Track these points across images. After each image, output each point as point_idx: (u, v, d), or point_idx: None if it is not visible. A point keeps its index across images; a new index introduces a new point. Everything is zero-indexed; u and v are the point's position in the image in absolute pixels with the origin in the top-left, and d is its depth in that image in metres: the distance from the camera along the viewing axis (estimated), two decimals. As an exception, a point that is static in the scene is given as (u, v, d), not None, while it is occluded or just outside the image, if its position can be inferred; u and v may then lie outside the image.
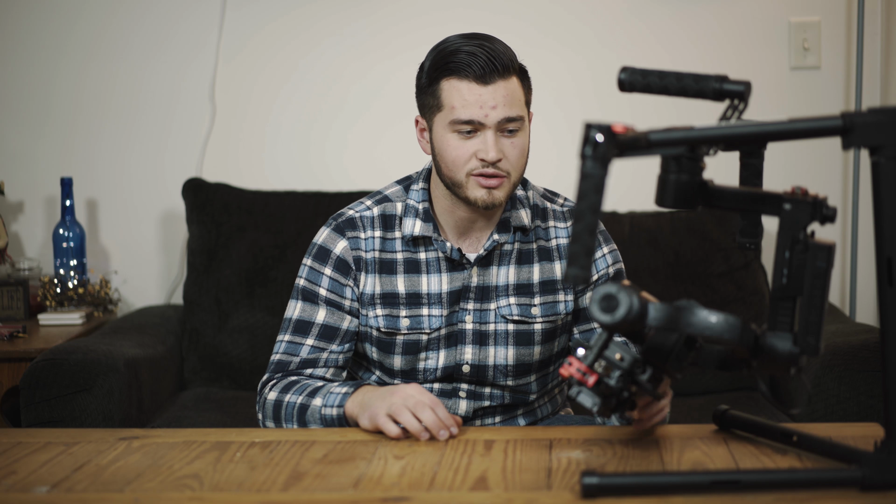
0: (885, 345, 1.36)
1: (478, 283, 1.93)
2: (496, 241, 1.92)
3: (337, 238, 1.93)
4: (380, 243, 1.93)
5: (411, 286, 1.92)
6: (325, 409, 1.79)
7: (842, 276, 3.18)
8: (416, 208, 1.93)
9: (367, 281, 1.93)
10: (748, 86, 1.43)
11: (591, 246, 1.30)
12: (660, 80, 1.46)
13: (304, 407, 1.82)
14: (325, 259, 1.93)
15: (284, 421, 1.84)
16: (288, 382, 1.88)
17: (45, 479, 1.49)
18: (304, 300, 1.93)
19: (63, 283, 3.02)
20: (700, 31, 3.14)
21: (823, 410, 2.38)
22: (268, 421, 1.87)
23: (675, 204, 1.44)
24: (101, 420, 2.40)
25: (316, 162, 3.21)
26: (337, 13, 3.18)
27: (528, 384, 1.97)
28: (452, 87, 1.83)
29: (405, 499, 1.39)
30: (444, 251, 1.92)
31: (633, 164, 2.39)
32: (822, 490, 1.35)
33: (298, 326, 1.92)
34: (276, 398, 1.86)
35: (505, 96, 1.82)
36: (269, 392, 1.88)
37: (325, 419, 1.79)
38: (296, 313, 1.93)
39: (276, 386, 1.88)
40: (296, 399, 1.83)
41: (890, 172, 1.34)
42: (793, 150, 3.07)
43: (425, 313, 1.92)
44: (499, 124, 1.82)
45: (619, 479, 1.38)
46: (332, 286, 1.92)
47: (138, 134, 3.23)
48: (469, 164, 1.84)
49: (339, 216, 1.96)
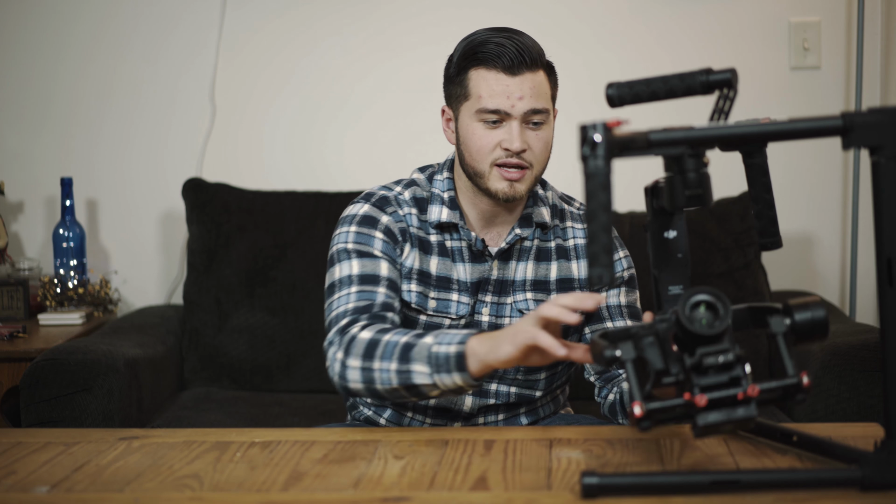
0: (885, 345, 1.36)
1: (497, 277, 1.94)
2: (518, 234, 1.93)
3: (379, 212, 1.91)
4: (417, 221, 1.93)
5: (443, 269, 1.92)
6: (440, 347, 1.65)
7: (842, 276, 3.18)
8: (442, 196, 1.93)
9: (409, 254, 1.91)
10: (734, 72, 1.44)
11: (608, 244, 1.30)
12: (647, 88, 1.46)
13: (410, 345, 1.68)
14: (373, 225, 1.89)
15: (380, 359, 1.70)
16: (383, 327, 1.77)
17: (45, 479, 1.49)
18: (361, 257, 1.86)
19: (63, 283, 3.02)
20: (700, 31, 3.14)
21: (823, 410, 2.38)
22: (351, 360, 1.73)
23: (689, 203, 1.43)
24: (101, 420, 2.40)
25: (316, 162, 3.21)
26: (337, 13, 3.18)
27: (537, 381, 1.97)
28: (480, 77, 1.85)
29: (405, 499, 1.39)
30: (468, 240, 1.92)
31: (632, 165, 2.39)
32: (822, 490, 1.35)
33: (365, 279, 1.84)
34: (373, 337, 1.73)
35: (532, 88, 1.83)
36: (359, 331, 1.75)
37: (437, 358, 1.64)
38: (355, 269, 1.85)
39: (370, 327, 1.77)
40: (398, 338, 1.71)
41: (890, 172, 1.34)
42: (793, 150, 3.07)
43: (454, 298, 1.92)
44: (524, 115, 1.83)
45: (619, 479, 1.38)
46: (384, 248, 1.88)
47: (138, 134, 3.24)
48: (493, 154, 1.85)
49: (371, 196, 1.94)
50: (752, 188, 1.54)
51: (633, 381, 1.36)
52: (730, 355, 1.33)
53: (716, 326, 1.34)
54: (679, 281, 1.51)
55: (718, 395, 1.32)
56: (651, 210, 1.54)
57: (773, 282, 3.07)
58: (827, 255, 3.19)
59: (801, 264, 3.18)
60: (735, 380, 1.33)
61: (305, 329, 2.90)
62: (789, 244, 3.14)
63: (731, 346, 1.34)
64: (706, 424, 1.32)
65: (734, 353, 1.33)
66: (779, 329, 1.40)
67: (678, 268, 1.51)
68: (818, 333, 1.41)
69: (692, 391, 1.33)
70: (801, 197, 3.16)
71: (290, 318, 2.91)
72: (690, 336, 1.35)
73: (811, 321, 1.41)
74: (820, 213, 3.17)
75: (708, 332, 1.34)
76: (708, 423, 1.32)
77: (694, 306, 1.36)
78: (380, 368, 1.70)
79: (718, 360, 1.33)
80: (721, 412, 1.32)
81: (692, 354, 1.34)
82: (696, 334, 1.34)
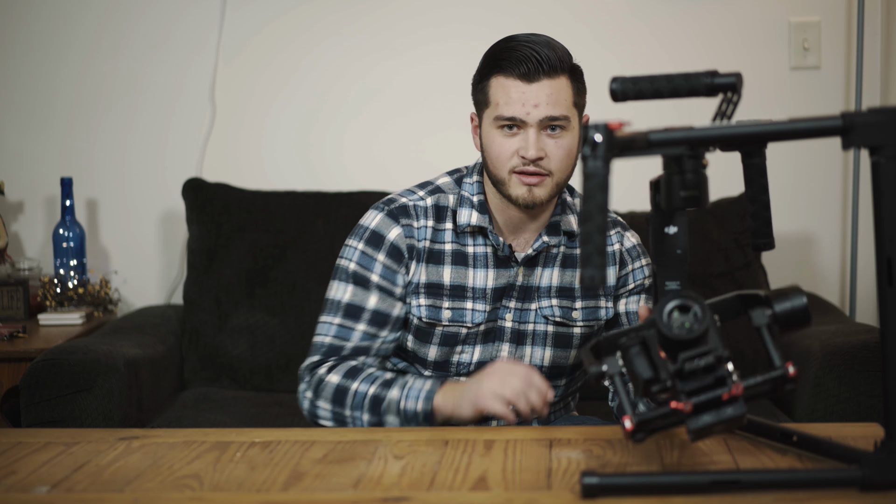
0: (885, 345, 1.36)
1: (522, 283, 1.94)
2: (546, 242, 1.93)
3: (391, 224, 1.91)
4: (431, 233, 1.92)
5: (457, 278, 1.92)
6: (407, 403, 1.76)
7: (842, 276, 3.18)
8: (472, 200, 1.93)
9: (416, 270, 1.92)
10: (739, 77, 1.44)
11: (602, 246, 1.30)
12: (651, 85, 1.46)
13: (378, 399, 1.78)
14: (378, 244, 1.91)
15: (351, 408, 1.80)
16: (351, 368, 1.84)
17: (45, 479, 1.49)
18: (356, 284, 1.90)
19: (63, 283, 3.02)
20: (700, 31, 3.14)
21: (823, 410, 2.38)
22: (322, 402, 1.83)
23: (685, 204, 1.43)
24: (101, 420, 2.40)
25: (316, 162, 3.21)
26: (337, 13, 3.18)
27: (557, 387, 1.98)
28: (499, 84, 1.85)
29: (405, 499, 1.39)
30: (497, 245, 1.92)
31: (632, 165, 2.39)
32: (822, 490, 1.35)
33: (349, 311, 1.89)
34: (341, 383, 1.81)
35: (549, 95, 1.82)
36: (328, 374, 1.83)
37: (406, 414, 1.76)
38: (346, 297, 1.90)
39: (337, 369, 1.83)
40: (366, 388, 1.80)
41: (890, 172, 1.34)
42: (793, 150, 3.07)
43: (468, 307, 1.92)
44: (541, 123, 1.83)
45: (619, 479, 1.38)
46: (384, 273, 1.90)
47: (138, 134, 3.24)
48: (511, 162, 1.85)
49: (392, 202, 1.94)
50: (750, 188, 1.54)
51: (621, 394, 1.37)
52: (710, 357, 1.33)
53: (694, 330, 1.35)
54: (676, 276, 1.51)
55: (704, 398, 1.33)
56: (654, 204, 1.55)
57: (773, 282, 3.07)
58: (827, 254, 3.19)
59: (801, 264, 3.18)
60: (720, 380, 1.34)
61: (305, 329, 2.89)
62: (789, 244, 3.14)
63: (716, 345, 1.35)
64: (697, 428, 1.33)
65: (715, 355, 1.34)
66: (761, 321, 1.41)
67: (676, 263, 1.52)
68: (800, 321, 1.42)
69: (678, 398, 1.34)
70: (801, 197, 3.16)
71: (290, 318, 2.91)
72: (671, 342, 1.36)
73: (791, 310, 1.42)
74: (820, 213, 3.17)
75: (687, 337, 1.35)
76: (699, 427, 1.33)
77: (671, 312, 1.37)
78: (352, 416, 1.81)
79: (700, 363, 1.33)
80: (710, 414, 1.33)
81: (675, 360, 1.35)
82: (675, 340, 1.34)
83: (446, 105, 3.13)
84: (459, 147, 3.15)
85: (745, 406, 1.33)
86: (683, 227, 1.53)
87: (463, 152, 3.13)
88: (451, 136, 3.05)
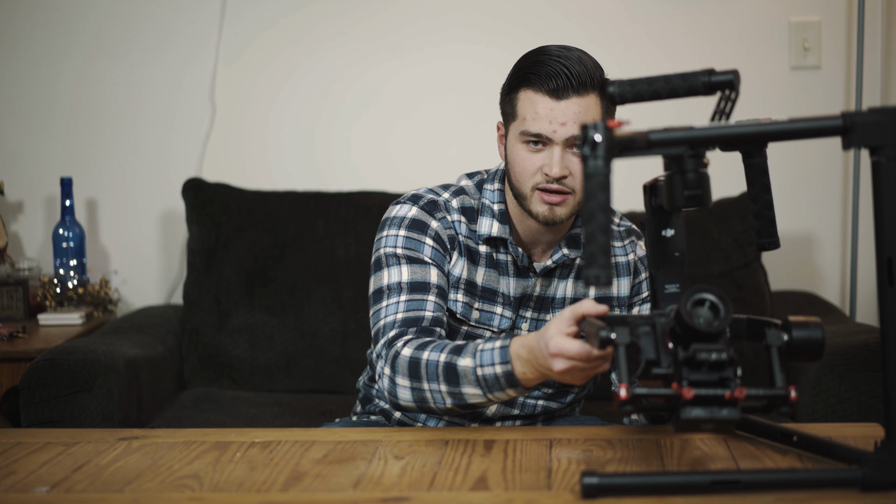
0: (885, 345, 1.36)
1: (539, 293, 1.93)
2: (566, 255, 1.91)
3: (428, 217, 1.89)
4: (465, 230, 1.91)
5: (489, 281, 1.91)
6: (484, 370, 1.63)
7: (842, 276, 3.18)
8: (492, 209, 1.91)
9: (457, 263, 1.90)
10: (736, 74, 1.44)
11: (606, 245, 1.30)
12: (649, 87, 1.46)
13: (451, 366, 1.66)
14: (423, 230, 1.87)
15: (427, 380, 1.68)
16: (424, 341, 1.74)
17: (45, 480, 1.49)
18: (410, 263, 1.84)
19: (63, 283, 3.02)
20: (699, 31, 3.14)
21: (823, 410, 2.38)
22: (399, 378, 1.71)
23: (688, 203, 1.43)
24: (101, 420, 2.40)
25: (316, 162, 3.21)
26: (336, 16, 3.18)
27: (565, 395, 1.98)
28: (527, 99, 1.82)
29: (405, 499, 1.39)
30: (515, 255, 1.91)
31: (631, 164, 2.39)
32: (822, 490, 1.35)
33: (414, 287, 1.82)
34: (413, 354, 1.71)
35: (576, 113, 1.79)
36: (402, 347, 1.73)
37: (486, 380, 1.63)
38: (405, 276, 1.83)
39: (412, 342, 1.73)
40: (437, 357, 1.68)
41: (890, 172, 1.34)
42: (793, 150, 3.07)
43: (498, 311, 1.91)
44: (567, 140, 1.80)
45: (619, 479, 1.38)
46: (434, 255, 1.86)
47: (139, 134, 3.23)
48: (535, 178, 1.83)
49: (419, 198, 1.91)
50: (752, 188, 1.54)
51: (622, 364, 1.36)
52: (723, 354, 1.33)
53: (715, 325, 1.34)
54: (675, 279, 1.51)
55: (706, 392, 1.32)
56: (649, 208, 1.54)
57: (773, 282, 3.07)
58: (827, 254, 3.19)
59: (801, 264, 3.18)
60: (724, 380, 1.33)
61: (305, 329, 2.90)
62: (789, 244, 3.14)
63: (727, 347, 1.34)
64: (688, 419, 1.32)
65: (728, 354, 1.33)
66: (775, 342, 1.40)
67: (675, 266, 1.51)
68: (813, 353, 1.41)
69: (681, 383, 1.33)
70: (801, 197, 3.16)
71: (290, 318, 2.91)
72: (688, 331, 1.35)
73: (808, 340, 1.41)
74: (820, 213, 3.17)
75: (706, 330, 1.34)
76: (690, 418, 1.32)
77: (697, 303, 1.36)
78: (430, 389, 1.69)
79: (712, 356, 1.33)
80: (705, 409, 1.33)
81: (686, 349, 1.34)
82: (694, 330, 1.34)
83: (448, 105, 3.14)
84: (466, 146, 3.15)
85: (739, 412, 1.33)
86: (680, 229, 1.53)
87: (466, 152, 3.14)
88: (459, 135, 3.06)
